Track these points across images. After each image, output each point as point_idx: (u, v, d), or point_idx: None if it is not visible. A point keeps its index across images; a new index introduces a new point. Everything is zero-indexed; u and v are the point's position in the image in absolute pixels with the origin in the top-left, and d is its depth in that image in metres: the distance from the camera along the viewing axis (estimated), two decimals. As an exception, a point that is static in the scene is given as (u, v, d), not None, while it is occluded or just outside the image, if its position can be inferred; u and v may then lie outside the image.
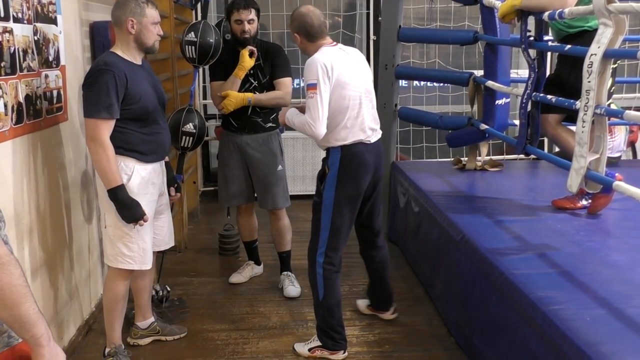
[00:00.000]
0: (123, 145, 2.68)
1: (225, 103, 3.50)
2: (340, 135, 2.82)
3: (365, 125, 2.87)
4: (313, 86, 2.72)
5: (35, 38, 2.64)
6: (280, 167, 3.69)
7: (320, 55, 2.79)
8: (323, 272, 2.92)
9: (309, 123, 2.74)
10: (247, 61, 3.48)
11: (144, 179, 2.76)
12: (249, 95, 3.51)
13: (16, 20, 2.44)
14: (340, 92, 2.77)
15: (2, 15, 2.32)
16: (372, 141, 2.91)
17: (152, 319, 3.17)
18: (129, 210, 2.65)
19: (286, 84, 3.58)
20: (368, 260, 3.31)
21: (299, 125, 2.84)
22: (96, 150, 2.59)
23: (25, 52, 2.53)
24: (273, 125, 3.66)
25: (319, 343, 3.01)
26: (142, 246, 2.78)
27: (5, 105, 2.33)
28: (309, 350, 3.02)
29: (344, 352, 3.00)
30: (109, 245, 2.79)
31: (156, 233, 2.97)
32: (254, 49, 3.50)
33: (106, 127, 2.59)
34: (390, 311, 3.38)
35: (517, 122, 3.47)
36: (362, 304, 3.48)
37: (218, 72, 3.61)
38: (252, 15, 3.49)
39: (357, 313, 3.44)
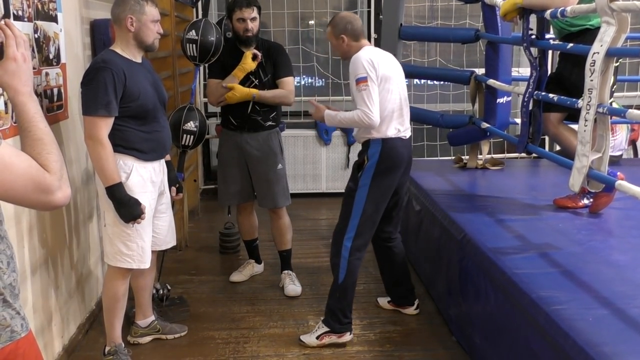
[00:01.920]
0: (122, 144, 2.68)
1: (229, 96, 3.49)
2: (382, 128, 2.93)
3: (404, 119, 3.01)
4: (363, 79, 2.84)
5: (36, 36, 2.63)
6: (280, 166, 3.67)
7: (364, 52, 2.92)
8: (349, 257, 3.00)
9: (365, 113, 2.83)
10: (248, 63, 3.47)
11: (143, 177, 2.75)
12: (254, 91, 3.50)
13: (16, 18, 2.43)
14: (384, 85, 2.90)
15: (3, 12, 2.31)
16: (407, 137, 3.06)
17: (152, 318, 3.16)
18: (127, 209, 2.64)
19: (289, 82, 3.58)
20: (386, 255, 3.34)
21: (348, 120, 2.96)
22: (94, 148, 2.59)
23: (25, 50, 2.52)
24: (273, 123, 3.64)
25: (325, 329, 3.06)
26: (140, 245, 2.78)
27: (6, 104, 2.32)
28: (317, 337, 3.06)
29: (350, 334, 3.09)
30: (108, 244, 2.79)
31: (157, 232, 2.97)
32: (259, 54, 3.49)
33: (104, 125, 2.59)
34: (414, 305, 3.39)
35: (518, 120, 3.47)
36: (383, 300, 3.49)
37: (217, 70, 3.60)
38: (255, 13, 3.48)
39: (357, 312, 3.42)
